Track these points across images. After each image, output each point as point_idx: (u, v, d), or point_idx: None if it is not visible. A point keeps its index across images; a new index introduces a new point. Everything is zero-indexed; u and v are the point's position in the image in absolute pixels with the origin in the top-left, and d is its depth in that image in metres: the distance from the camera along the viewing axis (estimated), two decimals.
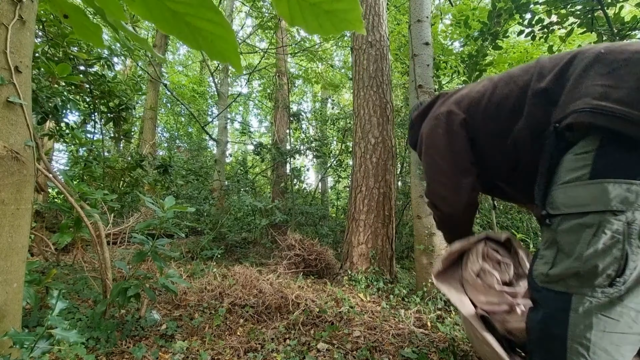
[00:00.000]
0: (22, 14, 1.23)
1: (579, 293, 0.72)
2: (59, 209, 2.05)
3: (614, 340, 0.70)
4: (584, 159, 0.76)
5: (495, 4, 3.00)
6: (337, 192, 7.71)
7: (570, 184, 0.77)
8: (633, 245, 0.69)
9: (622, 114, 0.70)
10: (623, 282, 0.69)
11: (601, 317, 0.70)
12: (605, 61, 0.80)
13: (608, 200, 0.70)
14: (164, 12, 0.38)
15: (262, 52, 8.14)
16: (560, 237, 0.77)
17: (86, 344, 1.53)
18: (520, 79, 1.00)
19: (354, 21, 0.39)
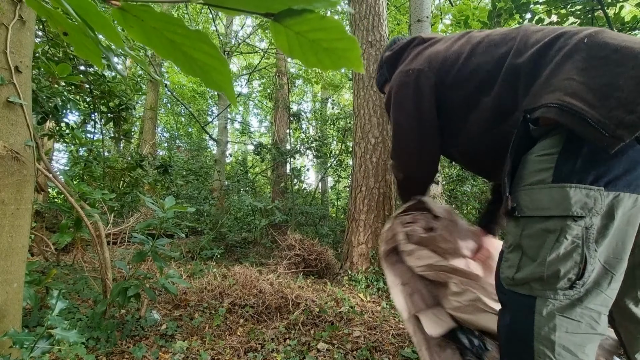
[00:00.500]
0: (22, 14, 1.23)
1: (542, 296, 0.74)
2: (59, 209, 2.05)
3: (577, 340, 0.71)
4: (547, 161, 0.76)
5: (495, 3, 3.00)
6: (337, 192, 7.71)
7: (534, 187, 0.77)
8: (591, 249, 0.70)
9: (584, 115, 0.69)
10: (582, 284, 0.71)
11: (564, 318, 0.71)
12: (585, 54, 0.76)
13: (569, 206, 0.71)
14: (162, 41, 0.39)
15: (262, 52, 8.14)
16: (524, 241, 0.78)
17: (86, 343, 1.53)
18: (497, 50, 0.93)
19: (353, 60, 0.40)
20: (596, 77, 0.72)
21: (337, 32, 0.37)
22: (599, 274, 0.72)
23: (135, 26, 0.38)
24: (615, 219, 0.71)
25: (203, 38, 0.38)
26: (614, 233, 0.72)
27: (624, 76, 0.69)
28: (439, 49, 1.08)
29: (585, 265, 0.70)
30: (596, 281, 0.71)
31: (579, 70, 0.74)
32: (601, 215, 0.71)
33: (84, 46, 0.44)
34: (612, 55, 0.72)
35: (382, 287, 2.79)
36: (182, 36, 0.38)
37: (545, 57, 0.82)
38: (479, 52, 0.96)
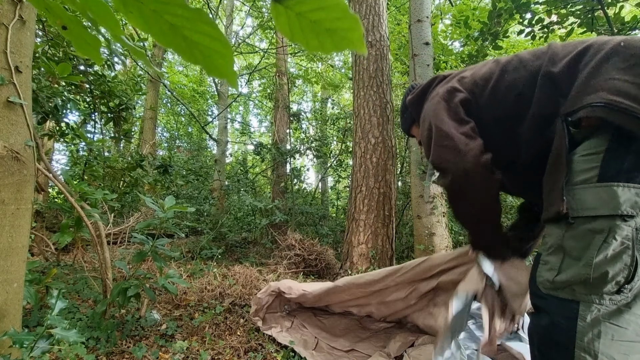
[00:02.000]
0: (22, 14, 1.23)
1: (586, 300, 0.70)
2: (59, 208, 2.05)
3: (622, 349, 0.68)
4: (592, 161, 0.74)
5: (495, 3, 3.00)
6: (337, 192, 7.71)
7: (578, 187, 0.75)
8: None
9: (634, 111, 0.67)
10: (630, 289, 0.68)
11: (610, 325, 0.68)
12: (624, 55, 0.75)
13: (618, 205, 0.68)
14: (162, 25, 0.38)
15: (262, 52, 8.14)
16: (567, 242, 0.75)
17: (86, 343, 1.53)
18: (530, 64, 0.94)
19: (355, 41, 0.38)
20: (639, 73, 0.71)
21: (339, 10, 0.36)
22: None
23: (134, 11, 0.37)
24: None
25: (204, 18, 0.37)
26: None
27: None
28: (466, 75, 1.09)
29: (637, 268, 0.67)
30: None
31: (619, 70, 0.74)
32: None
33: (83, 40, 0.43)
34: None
35: None
36: (182, 18, 0.37)
37: (580, 63, 0.82)
38: (510, 70, 0.97)
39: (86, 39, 0.43)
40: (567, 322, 0.72)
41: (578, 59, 0.84)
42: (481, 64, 1.10)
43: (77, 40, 0.44)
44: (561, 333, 0.73)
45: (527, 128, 0.94)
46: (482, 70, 1.05)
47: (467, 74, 1.10)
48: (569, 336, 0.71)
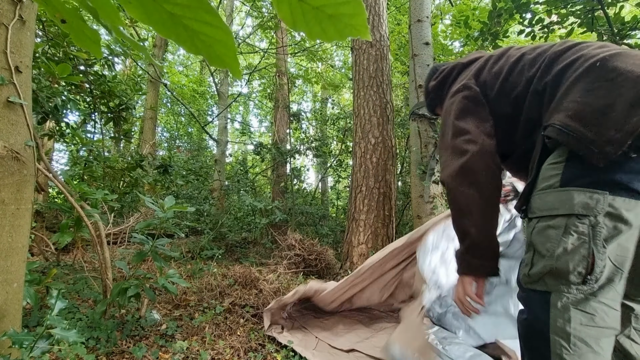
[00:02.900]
0: (22, 14, 1.23)
1: (557, 290, 0.79)
2: (59, 208, 2.05)
3: (591, 333, 0.76)
4: (555, 169, 0.85)
5: (495, 3, 3.00)
6: (337, 192, 7.71)
7: (544, 191, 0.86)
8: (599, 246, 0.76)
9: (578, 136, 0.78)
10: (595, 280, 0.76)
11: (578, 311, 0.77)
12: (594, 76, 0.83)
13: (573, 205, 0.78)
14: (162, 15, 0.37)
15: (262, 52, 8.14)
16: (534, 238, 0.85)
17: (86, 343, 1.53)
18: (528, 71, 1.01)
19: (359, 27, 0.37)
20: (599, 97, 0.79)
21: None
22: (611, 271, 0.77)
23: (133, 1, 0.36)
24: (625, 222, 0.76)
25: (204, 5, 0.36)
26: (626, 237, 0.77)
27: (621, 98, 0.76)
28: (480, 67, 1.17)
29: (595, 261, 0.75)
30: (609, 278, 0.76)
31: (585, 91, 0.82)
32: (610, 217, 0.76)
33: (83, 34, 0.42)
34: (617, 78, 0.79)
35: None
36: (182, 6, 0.36)
37: (565, 76, 0.90)
38: (516, 72, 1.05)
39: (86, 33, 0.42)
40: (542, 311, 0.81)
41: (564, 71, 0.91)
42: (499, 54, 1.16)
43: (76, 34, 0.43)
44: (538, 321, 0.82)
45: (520, 129, 1.04)
46: (496, 66, 1.12)
47: (485, 66, 1.16)
48: (544, 323, 0.80)
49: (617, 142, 0.73)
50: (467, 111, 1.10)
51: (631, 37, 2.75)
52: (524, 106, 1.01)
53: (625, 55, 0.84)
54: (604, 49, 0.88)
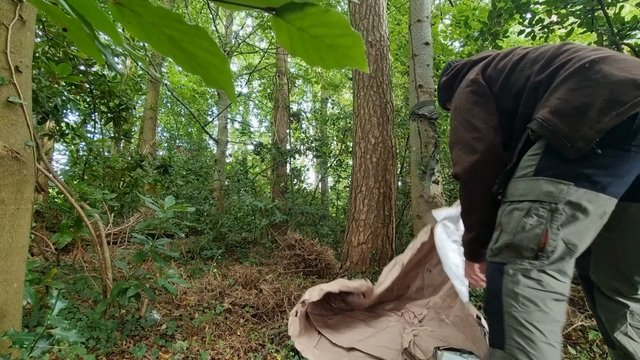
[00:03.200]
0: (23, 14, 1.23)
1: (511, 262, 0.90)
2: (59, 208, 2.05)
3: (538, 295, 0.85)
4: (532, 159, 0.93)
5: (495, 3, 3.00)
6: (337, 192, 7.71)
7: (520, 179, 0.94)
8: (553, 228, 0.85)
9: (554, 129, 0.85)
10: (547, 257, 0.85)
11: (526, 277, 0.87)
12: (581, 77, 0.89)
13: (539, 193, 0.87)
14: (161, 37, 0.38)
15: (262, 52, 8.14)
16: (502, 219, 0.95)
17: (86, 343, 1.53)
18: (529, 69, 1.07)
19: (357, 58, 0.38)
20: (580, 96, 0.86)
21: (341, 27, 0.36)
22: (562, 253, 0.86)
23: (133, 22, 0.37)
24: (584, 212, 0.84)
25: (202, 34, 0.37)
26: (583, 225, 0.85)
27: (599, 98, 0.82)
28: (487, 63, 1.24)
29: (547, 240, 0.84)
30: (558, 258, 0.86)
31: (570, 90, 0.89)
32: (570, 205, 0.84)
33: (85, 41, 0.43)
34: (600, 80, 0.85)
35: None
36: (180, 32, 0.37)
37: (557, 74, 0.96)
38: (517, 70, 1.11)
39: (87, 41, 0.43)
40: (498, 277, 0.92)
41: (557, 70, 0.97)
42: (506, 52, 1.23)
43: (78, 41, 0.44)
44: (494, 287, 0.93)
45: (517, 124, 1.10)
46: (501, 62, 1.19)
47: (492, 62, 1.22)
48: (498, 287, 0.91)
49: (588, 138, 0.80)
50: (476, 105, 1.16)
51: (631, 37, 2.75)
52: (521, 102, 1.07)
53: (613, 59, 0.89)
54: (596, 52, 0.94)
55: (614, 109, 0.79)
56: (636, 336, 1.01)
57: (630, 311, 1.02)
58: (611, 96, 0.80)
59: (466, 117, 1.16)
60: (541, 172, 0.89)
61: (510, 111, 1.10)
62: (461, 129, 1.18)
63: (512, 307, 0.87)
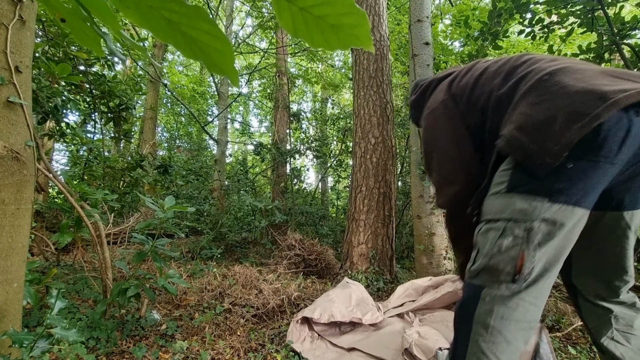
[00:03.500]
0: (22, 14, 1.23)
1: (489, 286, 0.87)
2: (59, 208, 2.05)
3: (510, 326, 0.84)
4: (504, 175, 0.91)
5: (495, 3, 3.00)
6: (337, 192, 7.71)
7: (493, 196, 0.92)
8: (530, 249, 0.82)
9: (522, 146, 0.84)
10: (524, 280, 0.83)
11: (501, 306, 0.84)
12: (541, 90, 0.88)
13: (513, 211, 0.85)
14: (160, 21, 0.37)
15: (262, 52, 8.13)
16: (478, 238, 0.93)
17: (86, 343, 1.53)
18: (490, 84, 1.07)
19: (362, 37, 0.37)
20: (541, 110, 0.85)
21: (345, 5, 0.35)
22: (540, 272, 0.84)
23: (131, 6, 0.36)
24: (560, 227, 0.82)
25: (202, 15, 0.36)
26: (559, 241, 0.83)
27: (560, 112, 0.81)
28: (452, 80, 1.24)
29: (524, 262, 0.82)
30: (536, 279, 0.84)
31: (531, 104, 0.88)
32: (546, 222, 0.82)
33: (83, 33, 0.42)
34: (559, 92, 0.84)
35: (382, 287, 2.80)
36: (180, 14, 0.36)
37: (517, 89, 0.96)
38: (479, 85, 1.11)
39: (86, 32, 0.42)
40: (474, 301, 0.89)
41: (518, 84, 0.97)
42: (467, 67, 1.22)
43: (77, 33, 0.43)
44: (468, 309, 0.90)
45: (487, 138, 1.08)
46: (464, 79, 1.18)
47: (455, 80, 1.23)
48: (472, 311, 0.89)
49: (555, 153, 0.79)
50: (447, 129, 1.15)
51: (631, 37, 2.75)
52: (487, 116, 1.06)
53: (570, 69, 0.89)
54: (554, 63, 0.94)
55: (576, 121, 0.78)
56: (623, 339, 1.01)
57: (614, 316, 1.02)
58: (572, 108, 0.80)
59: (440, 143, 1.16)
60: (514, 187, 0.87)
61: (479, 126, 1.10)
62: (436, 155, 1.17)
63: (480, 336, 0.86)
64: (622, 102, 0.76)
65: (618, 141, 0.78)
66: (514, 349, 0.85)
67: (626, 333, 1.01)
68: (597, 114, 0.76)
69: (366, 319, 1.85)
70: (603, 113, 0.76)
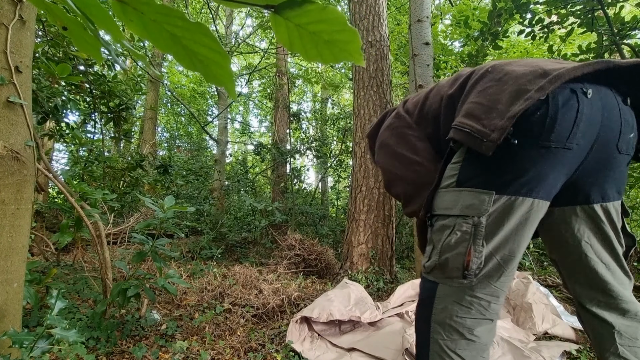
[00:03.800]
0: (23, 14, 1.23)
1: (442, 282, 0.87)
2: (59, 208, 2.05)
3: (466, 323, 0.83)
4: (454, 169, 0.90)
5: (495, 3, 3.01)
6: (337, 192, 7.71)
7: (444, 190, 0.91)
8: (477, 244, 0.82)
9: (468, 129, 0.82)
10: (475, 275, 0.82)
11: (455, 304, 0.84)
12: (487, 79, 0.89)
13: (462, 206, 0.84)
14: (162, 34, 0.38)
15: (262, 52, 8.13)
16: (433, 235, 0.92)
17: (86, 343, 1.53)
18: (441, 91, 1.08)
19: (354, 53, 0.39)
20: (488, 95, 0.85)
21: (338, 23, 0.37)
22: (493, 267, 0.83)
23: (135, 19, 0.37)
24: (508, 219, 0.81)
25: (204, 30, 0.38)
26: (509, 233, 0.82)
27: (505, 93, 0.81)
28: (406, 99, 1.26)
29: (471, 258, 0.82)
30: (488, 274, 0.83)
31: (478, 92, 0.88)
32: (494, 216, 0.81)
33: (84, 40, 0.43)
34: (504, 77, 0.84)
35: (382, 287, 2.79)
36: (182, 29, 0.38)
37: (466, 85, 0.97)
38: (431, 96, 1.12)
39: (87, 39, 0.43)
40: (429, 299, 0.89)
41: (466, 82, 0.97)
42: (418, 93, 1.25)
43: (77, 40, 0.44)
44: (424, 308, 0.90)
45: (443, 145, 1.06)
46: (416, 97, 1.20)
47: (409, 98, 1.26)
48: (428, 310, 0.88)
49: (500, 128, 0.77)
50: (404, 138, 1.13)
51: (631, 37, 2.75)
52: (441, 122, 1.05)
53: (515, 61, 0.90)
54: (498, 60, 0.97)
55: (520, 97, 0.77)
56: (629, 354, 0.91)
57: (617, 331, 0.92)
58: (516, 87, 0.79)
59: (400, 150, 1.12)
60: (463, 182, 0.86)
61: (433, 136, 1.09)
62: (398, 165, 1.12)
63: (439, 334, 0.85)
64: (565, 76, 0.75)
65: (569, 123, 0.76)
66: (477, 347, 0.83)
67: (632, 347, 0.91)
68: (541, 86, 0.75)
69: (365, 317, 1.85)
70: (546, 85, 0.75)
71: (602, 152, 0.84)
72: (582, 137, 0.79)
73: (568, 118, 0.76)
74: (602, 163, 0.85)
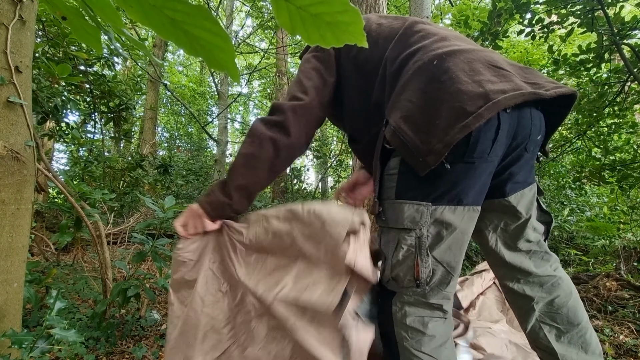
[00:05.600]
0: (23, 14, 1.23)
1: (397, 292, 0.89)
2: (59, 208, 2.05)
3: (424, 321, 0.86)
4: (392, 180, 0.89)
5: (495, 3, 3.00)
6: None
7: (387, 201, 0.90)
8: (423, 255, 0.84)
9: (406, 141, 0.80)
10: (427, 284, 0.85)
11: (411, 309, 0.87)
12: (429, 75, 0.82)
13: (403, 220, 0.85)
14: (162, 19, 0.38)
15: (262, 52, 8.14)
16: (383, 247, 0.93)
17: (86, 343, 1.53)
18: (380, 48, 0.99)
19: (356, 34, 0.39)
20: (429, 101, 0.80)
21: (340, 4, 0.36)
22: (443, 275, 0.86)
23: (134, 5, 0.37)
24: (448, 228, 0.83)
25: (204, 14, 0.37)
26: (450, 240, 0.84)
27: (446, 105, 0.77)
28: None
29: (420, 269, 0.84)
30: (440, 281, 0.86)
31: (419, 91, 0.82)
32: (434, 226, 0.83)
33: (83, 30, 0.43)
34: (447, 82, 0.79)
35: None
36: (182, 13, 0.37)
37: (405, 67, 0.89)
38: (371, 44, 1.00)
39: (86, 29, 0.43)
40: (389, 307, 0.91)
41: (406, 62, 0.89)
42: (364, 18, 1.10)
43: (77, 30, 0.43)
44: (387, 316, 0.92)
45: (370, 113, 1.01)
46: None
47: None
48: (390, 317, 0.90)
49: (437, 152, 0.76)
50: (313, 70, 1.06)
51: (631, 37, 2.75)
52: (373, 88, 0.99)
53: (461, 53, 0.83)
54: (444, 43, 0.87)
55: (459, 119, 0.76)
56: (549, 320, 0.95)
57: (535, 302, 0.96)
58: (458, 104, 0.77)
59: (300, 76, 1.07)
60: (401, 194, 0.86)
61: (362, 92, 1.03)
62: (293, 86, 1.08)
63: (403, 338, 0.87)
64: (502, 104, 0.76)
65: (489, 142, 0.79)
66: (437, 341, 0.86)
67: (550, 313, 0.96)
68: (478, 114, 0.75)
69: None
70: (485, 113, 0.75)
71: (514, 154, 0.89)
72: (498, 149, 0.83)
73: (489, 137, 0.79)
74: (511, 163, 0.91)
